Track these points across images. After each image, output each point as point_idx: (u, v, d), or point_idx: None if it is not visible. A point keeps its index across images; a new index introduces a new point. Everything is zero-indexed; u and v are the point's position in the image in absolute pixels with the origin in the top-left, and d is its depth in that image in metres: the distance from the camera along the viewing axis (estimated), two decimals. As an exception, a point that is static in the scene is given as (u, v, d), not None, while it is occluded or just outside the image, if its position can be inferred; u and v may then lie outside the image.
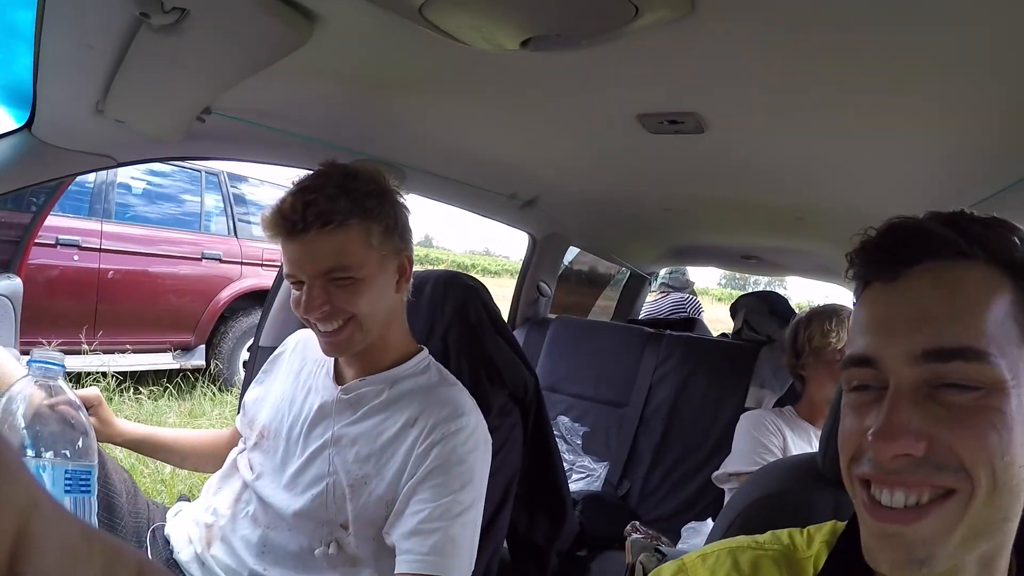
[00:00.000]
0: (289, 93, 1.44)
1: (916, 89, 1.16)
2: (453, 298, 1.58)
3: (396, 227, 1.28)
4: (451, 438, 1.23)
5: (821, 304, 2.17)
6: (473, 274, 1.74)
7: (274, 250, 5.70)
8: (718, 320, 4.68)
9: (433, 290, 1.60)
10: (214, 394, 5.35)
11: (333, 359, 1.38)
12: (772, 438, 2.01)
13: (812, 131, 1.45)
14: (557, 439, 2.62)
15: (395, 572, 1.17)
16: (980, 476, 0.56)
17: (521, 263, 3.34)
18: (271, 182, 6.12)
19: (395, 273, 1.30)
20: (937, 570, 0.58)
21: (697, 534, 2.21)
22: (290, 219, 1.19)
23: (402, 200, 1.32)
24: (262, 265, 5.87)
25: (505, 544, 1.65)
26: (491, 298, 1.66)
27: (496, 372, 1.57)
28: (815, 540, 0.75)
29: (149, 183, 5.43)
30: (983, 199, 1.60)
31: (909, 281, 0.62)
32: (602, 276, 4.65)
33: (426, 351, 1.40)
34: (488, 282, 1.58)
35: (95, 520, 0.96)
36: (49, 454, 0.90)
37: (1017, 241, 0.62)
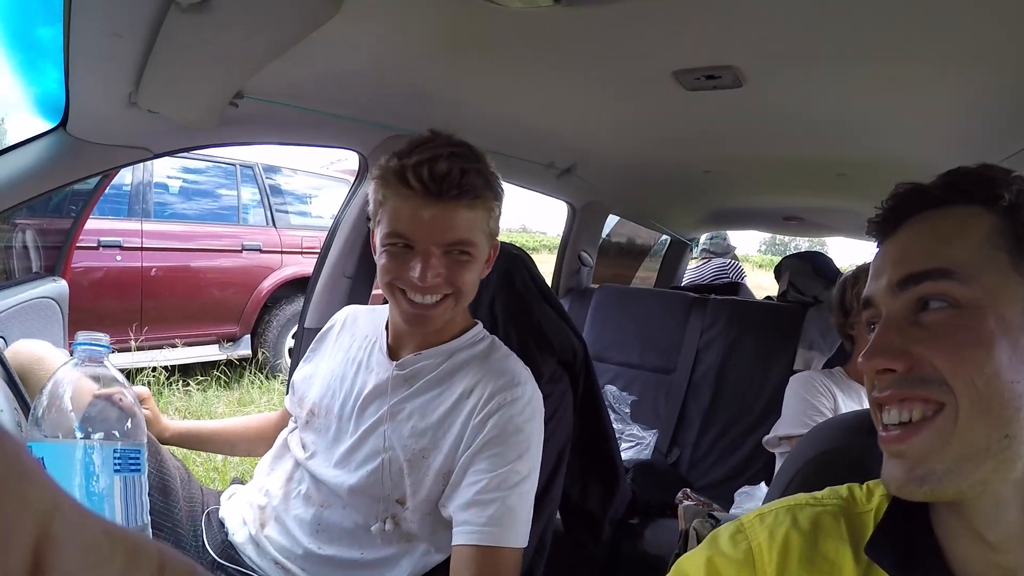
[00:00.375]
0: (320, 71, 1.43)
1: (956, 40, 1.14)
2: (498, 267, 1.56)
3: (501, 212, 1.30)
4: (508, 407, 1.22)
5: (867, 262, 2.11)
6: (513, 252, 1.72)
7: (312, 237, 5.76)
8: (759, 287, 4.62)
9: None
10: (261, 382, 5.41)
11: (385, 335, 1.37)
12: (823, 399, 1.98)
13: (852, 82, 1.41)
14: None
15: (453, 544, 1.17)
16: (961, 388, 0.60)
17: (560, 238, 3.32)
18: (305, 171, 6.16)
19: (489, 257, 1.31)
20: (943, 490, 0.61)
21: (750, 498, 2.18)
22: (440, 182, 1.15)
23: None
24: (302, 253, 5.90)
25: (558, 514, 1.64)
26: (535, 266, 1.65)
27: (544, 339, 1.56)
28: (875, 494, 0.75)
29: (185, 180, 5.48)
30: (1009, 156, 1.58)
31: (899, 234, 0.70)
32: (641, 247, 4.60)
33: (480, 325, 1.39)
34: None
35: (146, 499, 0.97)
36: (99, 435, 0.90)
37: (998, 182, 0.67)
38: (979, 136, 1.66)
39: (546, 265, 3.24)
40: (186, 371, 5.16)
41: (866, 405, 1.75)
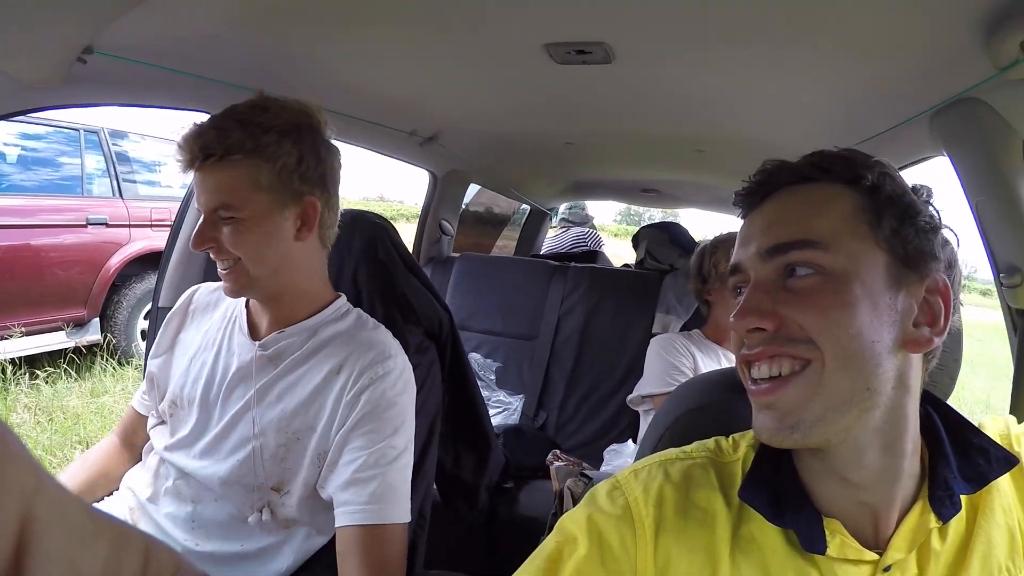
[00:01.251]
0: (178, 27, 1.32)
1: (815, 27, 1.20)
2: (360, 237, 1.52)
3: (299, 168, 1.17)
4: (380, 382, 1.19)
5: (725, 232, 2.24)
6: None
7: (163, 209, 5.32)
8: (616, 256, 4.78)
9: (338, 231, 1.54)
10: (115, 368, 5.03)
11: (245, 313, 1.31)
12: (683, 359, 2.08)
13: (716, 63, 1.46)
14: (471, 376, 2.62)
15: (336, 526, 1.14)
16: (827, 345, 0.66)
17: (418, 208, 3.29)
18: (155, 136, 5.64)
19: (295, 219, 1.19)
20: (812, 437, 0.68)
21: (619, 455, 2.27)
22: (194, 147, 1.11)
23: (324, 140, 1.23)
24: (151, 226, 5.44)
25: (434, 485, 1.64)
26: (398, 235, 1.62)
27: (410, 309, 1.53)
28: (740, 445, 0.81)
29: (24, 148, 4.88)
30: (875, 135, 1.68)
31: (766, 206, 0.75)
32: (500, 216, 4.64)
33: (344, 297, 1.34)
34: None
35: None
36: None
37: (861, 164, 0.72)
38: (834, 121, 1.77)
39: (404, 235, 3.21)
40: (32, 362, 4.70)
41: (723, 364, 1.89)
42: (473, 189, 3.71)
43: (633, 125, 2.21)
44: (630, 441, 2.37)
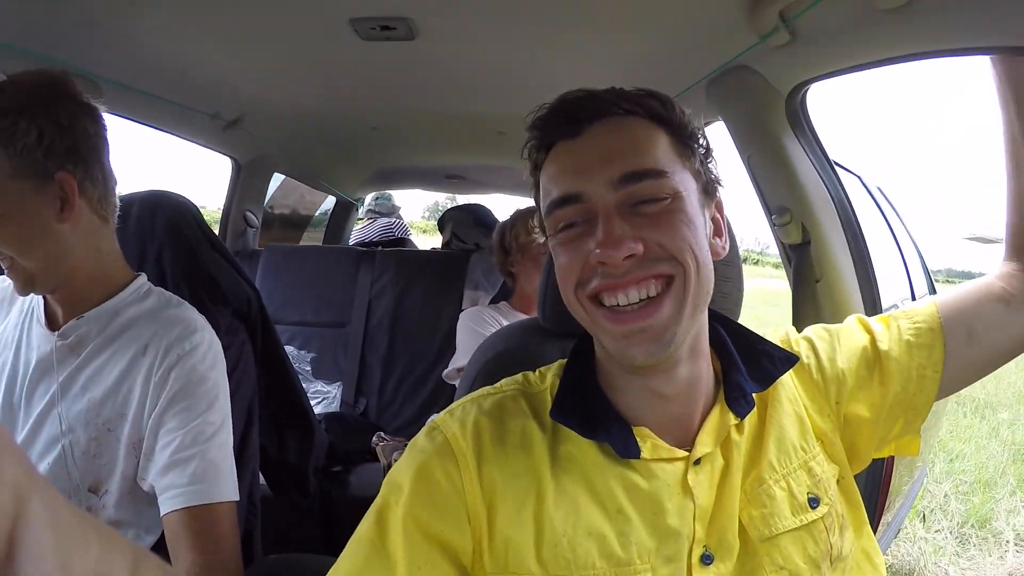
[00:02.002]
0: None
1: (597, 6, 1.29)
2: (163, 218, 1.44)
3: (40, 145, 1.05)
4: (188, 357, 1.14)
5: (522, 208, 2.35)
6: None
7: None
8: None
9: (140, 212, 1.44)
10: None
11: (43, 303, 1.20)
12: (491, 329, 2.12)
13: (517, 41, 1.53)
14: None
15: (162, 514, 1.07)
16: (686, 259, 0.72)
17: (223, 201, 3.12)
18: None
19: (53, 200, 1.08)
20: (678, 348, 0.75)
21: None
22: None
23: (70, 108, 1.09)
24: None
25: (263, 477, 1.62)
26: (202, 215, 1.56)
27: (218, 290, 1.49)
28: (547, 376, 0.87)
29: None
30: None
31: (591, 133, 0.77)
32: (303, 216, 4.46)
33: (144, 276, 1.25)
34: None
35: None
36: None
37: (658, 101, 0.79)
38: None
39: None
40: None
41: None
42: (276, 183, 3.54)
43: (436, 105, 2.24)
44: (448, 415, 2.40)
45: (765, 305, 13.06)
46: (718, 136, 1.62)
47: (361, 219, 4.69)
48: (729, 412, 0.80)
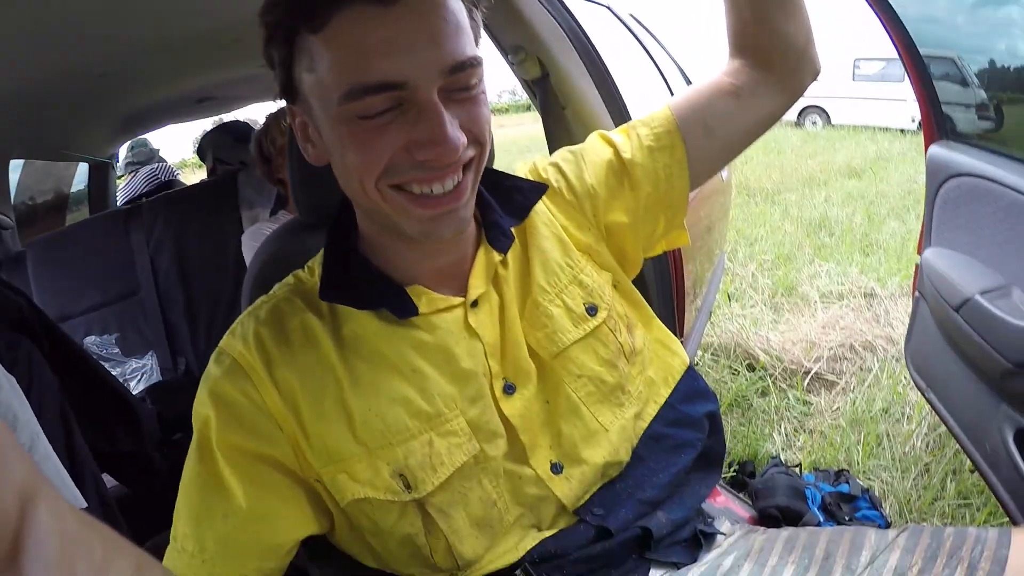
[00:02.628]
0: None
1: None
2: None
3: None
4: None
5: (271, 113, 2.21)
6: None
7: None
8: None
9: None
10: None
11: None
12: None
13: None
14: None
15: None
16: (486, 138, 0.73)
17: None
18: None
19: None
20: (468, 224, 0.78)
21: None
22: None
23: None
24: None
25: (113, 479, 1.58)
26: None
27: None
28: (315, 269, 0.87)
29: None
30: None
31: (403, 9, 0.64)
32: (61, 196, 3.96)
33: None
34: None
35: None
36: None
37: None
38: None
39: None
40: None
41: None
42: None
43: (161, 32, 2.01)
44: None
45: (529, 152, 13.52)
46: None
47: (121, 176, 4.28)
48: (492, 251, 0.85)
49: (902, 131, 11.28)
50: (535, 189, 0.91)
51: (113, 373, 2.46)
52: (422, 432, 0.77)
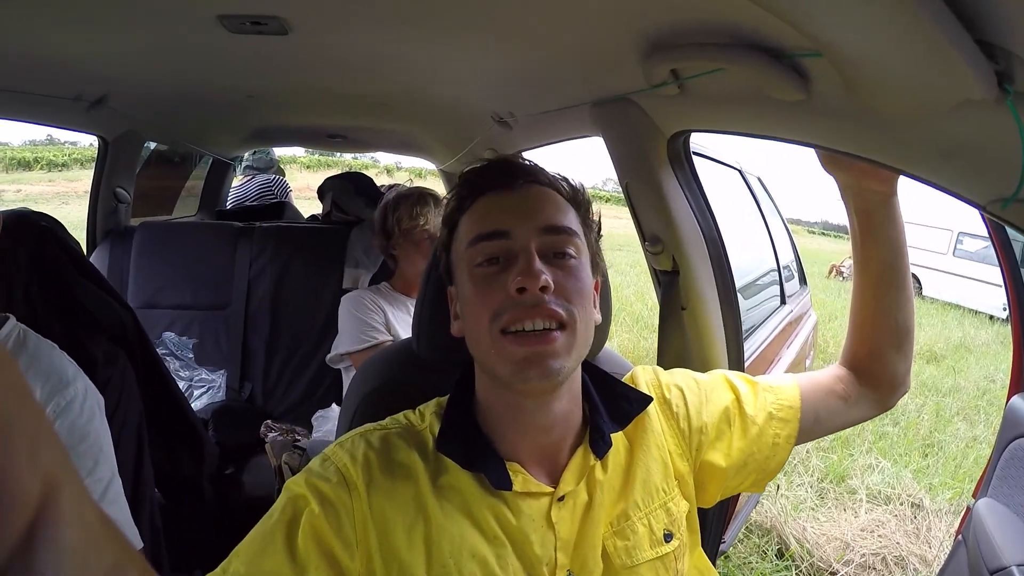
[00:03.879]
0: None
1: (488, 12, 1.30)
2: (24, 247, 1.38)
3: None
4: (64, 415, 1.09)
5: (405, 187, 2.30)
6: (38, 170, 1.47)
7: None
8: (308, 188, 4.65)
9: None
10: None
11: None
12: (374, 316, 2.16)
13: (392, 32, 1.51)
14: (168, 357, 2.49)
15: None
16: (578, 313, 0.86)
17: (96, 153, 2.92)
18: None
19: None
20: (563, 379, 0.86)
21: (327, 420, 2.35)
22: None
23: None
24: None
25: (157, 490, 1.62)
26: (67, 233, 1.50)
27: (90, 319, 1.45)
28: (425, 414, 0.97)
29: None
30: (546, 111, 1.88)
31: (520, 189, 0.91)
32: (186, 158, 4.15)
33: (12, 321, 1.17)
34: (56, 176, 1.35)
35: None
36: None
37: (572, 187, 0.95)
38: (510, 92, 1.92)
39: (81, 183, 2.78)
40: None
41: (410, 313, 2.05)
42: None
43: (314, 84, 2.20)
44: (334, 405, 2.46)
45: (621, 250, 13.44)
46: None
47: (239, 176, 4.48)
48: (591, 453, 0.93)
49: (991, 317, 11.09)
50: (641, 400, 1.00)
51: (181, 375, 2.60)
52: None
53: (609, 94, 1.48)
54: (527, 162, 0.95)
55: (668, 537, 0.96)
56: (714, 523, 1.41)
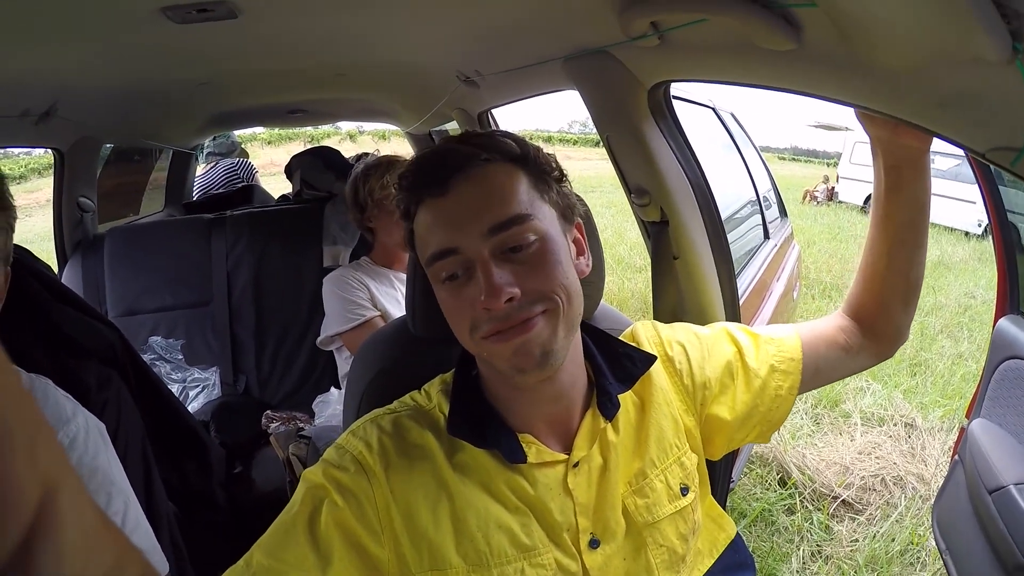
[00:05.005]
0: None
1: None
2: None
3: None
4: (70, 452, 1.05)
5: (373, 156, 2.24)
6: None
7: None
8: (272, 164, 4.56)
9: None
10: None
11: None
12: (358, 292, 2.13)
13: (352, 5, 1.47)
14: (157, 362, 2.46)
15: None
16: (559, 295, 0.83)
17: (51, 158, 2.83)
18: None
19: None
20: (558, 363, 0.85)
21: (327, 405, 2.34)
22: None
23: None
24: None
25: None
26: (37, 261, 1.49)
27: (76, 346, 1.42)
28: (432, 394, 0.98)
29: None
30: (515, 67, 1.83)
31: (457, 189, 0.85)
32: (147, 153, 4.04)
33: None
34: (15, 189, 1.27)
35: None
36: None
37: (513, 143, 0.89)
38: (474, 51, 1.87)
39: (40, 193, 2.67)
40: None
41: (397, 287, 2.04)
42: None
43: (271, 63, 2.14)
44: (333, 389, 2.43)
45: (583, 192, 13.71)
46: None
47: (202, 163, 4.37)
48: (600, 416, 0.94)
49: (966, 234, 11.25)
50: (645, 359, 0.99)
51: (174, 377, 2.57)
52: (517, 560, 0.87)
53: (583, 48, 1.44)
54: (454, 146, 0.89)
55: (684, 491, 0.98)
56: (722, 470, 1.42)
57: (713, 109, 3.02)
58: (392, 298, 2.14)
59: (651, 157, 1.48)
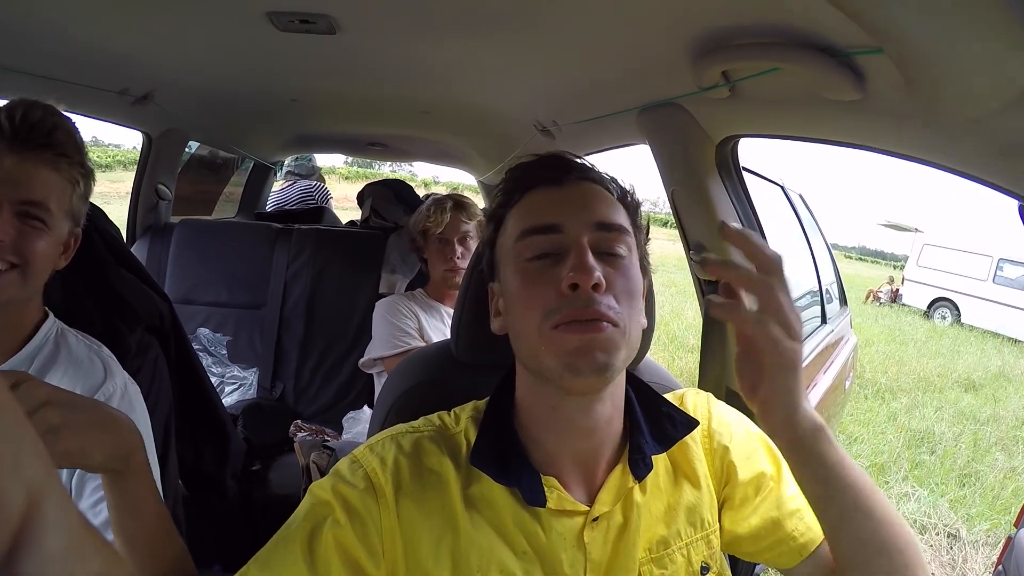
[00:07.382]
0: None
1: (534, 17, 1.29)
2: None
3: (86, 193, 1.13)
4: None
5: (440, 196, 2.30)
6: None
7: None
8: (346, 199, 4.69)
9: None
10: None
11: None
12: (407, 321, 2.15)
13: (439, 36, 1.51)
14: (201, 353, 2.50)
15: None
16: (629, 313, 0.80)
17: (139, 154, 2.96)
18: None
19: (68, 245, 1.14)
20: (612, 375, 0.81)
21: (357, 422, 2.34)
22: (31, 128, 1.04)
23: None
24: None
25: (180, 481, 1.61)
26: (108, 221, 1.51)
27: (128, 308, 1.45)
28: (461, 418, 0.93)
29: None
30: (590, 119, 1.85)
31: (571, 185, 0.87)
32: (227, 162, 4.22)
33: (51, 317, 1.18)
34: (99, 176, 1.33)
35: None
36: None
37: (622, 188, 0.91)
38: (553, 100, 1.91)
39: (122, 184, 2.82)
40: None
41: (446, 322, 2.03)
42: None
43: (359, 88, 2.22)
44: (366, 407, 2.45)
45: (663, 268, 13.56)
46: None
47: (280, 180, 4.52)
48: (629, 474, 0.88)
49: (1032, 347, 10.84)
50: (687, 424, 0.92)
51: (214, 371, 2.61)
52: None
53: (656, 99, 1.44)
54: (576, 157, 0.91)
55: (704, 570, 0.91)
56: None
57: (782, 187, 3.00)
58: (440, 332, 2.14)
59: (713, 212, 1.46)
